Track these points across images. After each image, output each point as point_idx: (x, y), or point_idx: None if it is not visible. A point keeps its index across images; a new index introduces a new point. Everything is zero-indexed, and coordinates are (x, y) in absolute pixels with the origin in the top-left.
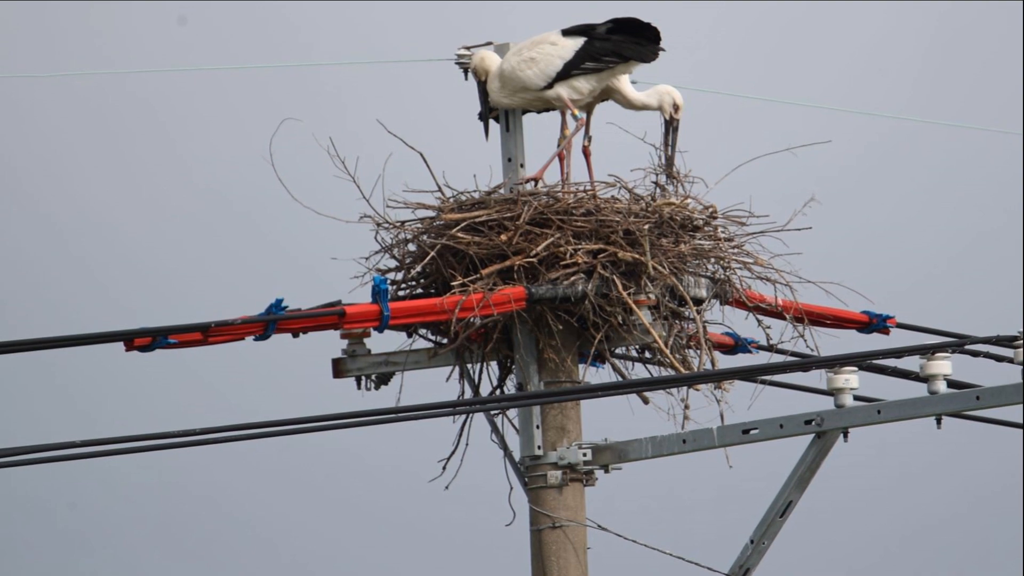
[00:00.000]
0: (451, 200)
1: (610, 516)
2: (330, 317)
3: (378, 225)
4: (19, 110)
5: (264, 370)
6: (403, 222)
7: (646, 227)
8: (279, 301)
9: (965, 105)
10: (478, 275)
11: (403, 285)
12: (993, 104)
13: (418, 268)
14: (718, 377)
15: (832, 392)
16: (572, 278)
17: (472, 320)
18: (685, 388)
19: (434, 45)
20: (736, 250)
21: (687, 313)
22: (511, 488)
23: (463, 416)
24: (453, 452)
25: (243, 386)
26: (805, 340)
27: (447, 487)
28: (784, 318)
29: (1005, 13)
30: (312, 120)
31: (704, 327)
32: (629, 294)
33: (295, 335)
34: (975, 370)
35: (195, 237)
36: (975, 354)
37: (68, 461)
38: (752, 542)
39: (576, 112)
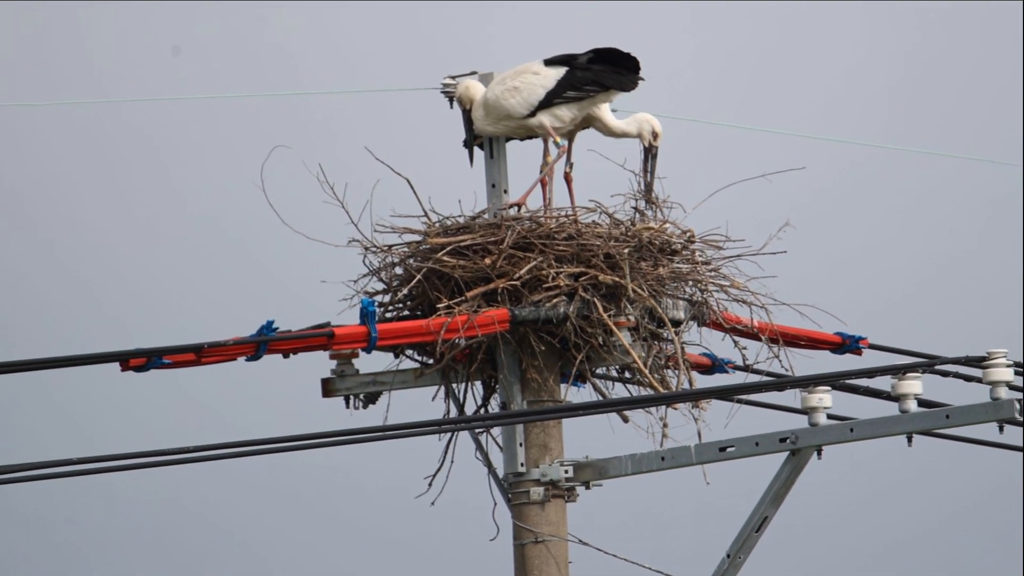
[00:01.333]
0: (437, 225)
1: (591, 531)
2: (319, 338)
3: (366, 249)
4: (19, 138)
5: (256, 390)
6: (390, 246)
7: (626, 251)
8: (270, 323)
9: (936, 133)
10: (463, 297)
11: (390, 307)
12: (964, 132)
13: (405, 291)
14: (695, 396)
15: (806, 411)
16: (554, 300)
17: (457, 341)
18: (664, 407)
19: (420, 75)
20: (713, 273)
21: (665, 334)
22: (495, 504)
23: (448, 434)
24: (439, 469)
25: (235, 405)
26: (780, 360)
27: (433, 503)
28: (760, 339)
29: (975, 43)
30: (302, 148)
31: (682, 348)
32: (609, 316)
33: (286, 356)
34: (945, 390)
35: (189, 261)
36: (945, 374)
37: (66, 478)
38: (729, 556)
39: (558, 139)
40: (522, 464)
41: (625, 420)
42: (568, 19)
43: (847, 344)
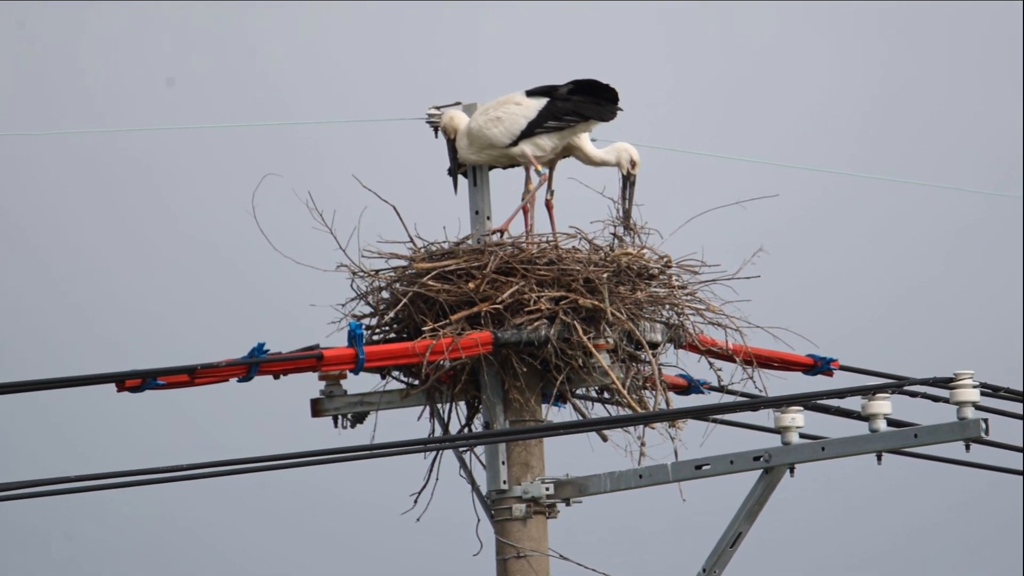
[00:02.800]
0: (422, 250)
1: (571, 546)
2: (309, 360)
3: (354, 274)
4: (19, 165)
5: (247, 410)
6: (377, 271)
7: (605, 276)
8: (261, 345)
9: (904, 162)
10: (447, 321)
11: (377, 330)
12: (931, 161)
13: (391, 314)
14: (672, 416)
15: (779, 430)
16: (536, 323)
17: (442, 363)
18: (641, 426)
19: (406, 105)
20: (689, 297)
21: (643, 356)
22: (478, 520)
23: (433, 453)
24: (424, 487)
25: (227, 425)
26: (754, 381)
27: (418, 520)
28: (734, 361)
29: (942, 76)
30: (292, 175)
31: (659, 369)
32: (589, 338)
33: (276, 377)
34: (913, 410)
35: (183, 284)
36: (913, 395)
37: (64, 495)
38: (704, 571)
39: (539, 168)
40: (505, 482)
41: (604, 439)
42: (550, 52)
43: (819, 366)
